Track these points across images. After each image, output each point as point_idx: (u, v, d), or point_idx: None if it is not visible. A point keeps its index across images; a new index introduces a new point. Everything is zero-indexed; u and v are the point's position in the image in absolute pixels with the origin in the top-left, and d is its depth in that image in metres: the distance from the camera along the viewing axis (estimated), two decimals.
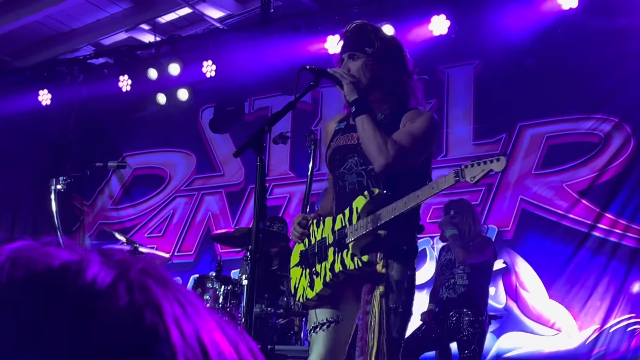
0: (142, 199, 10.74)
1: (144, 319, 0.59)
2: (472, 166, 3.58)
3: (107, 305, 0.58)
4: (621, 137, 8.01)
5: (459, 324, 6.53)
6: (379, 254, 3.67)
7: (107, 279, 0.60)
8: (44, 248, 0.63)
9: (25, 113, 10.19)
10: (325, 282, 3.78)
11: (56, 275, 0.60)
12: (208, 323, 0.64)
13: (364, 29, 3.94)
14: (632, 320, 7.58)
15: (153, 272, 0.64)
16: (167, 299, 0.62)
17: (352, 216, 3.71)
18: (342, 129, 3.99)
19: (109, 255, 0.65)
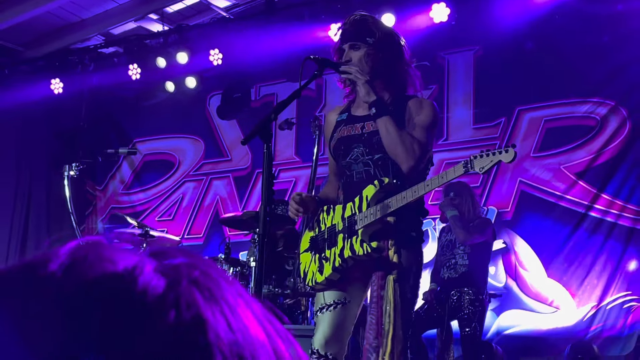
0: (152, 184, 10.76)
1: (188, 337, 0.59)
2: (482, 157, 3.60)
3: (154, 319, 0.58)
4: (617, 120, 8.01)
5: (460, 302, 6.55)
6: (390, 242, 3.70)
7: (157, 290, 0.60)
8: (103, 250, 0.63)
9: (38, 101, 10.20)
10: (334, 267, 3.80)
11: (108, 284, 0.59)
12: (253, 337, 0.63)
13: (365, 20, 3.97)
14: (628, 298, 7.60)
15: (204, 283, 0.63)
16: (213, 316, 0.61)
17: (362, 204, 3.74)
18: (344, 120, 4.01)
19: (165, 257, 0.64)
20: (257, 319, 0.65)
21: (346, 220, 3.81)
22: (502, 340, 7.80)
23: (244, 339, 0.62)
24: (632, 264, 7.67)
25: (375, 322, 3.71)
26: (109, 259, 0.62)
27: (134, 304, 0.59)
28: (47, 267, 0.61)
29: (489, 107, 8.71)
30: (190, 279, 0.62)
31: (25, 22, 9.83)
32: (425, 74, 8.33)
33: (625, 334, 7.50)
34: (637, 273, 7.62)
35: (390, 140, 3.72)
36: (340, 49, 3.96)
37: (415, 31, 8.15)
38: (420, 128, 3.81)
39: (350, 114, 3.99)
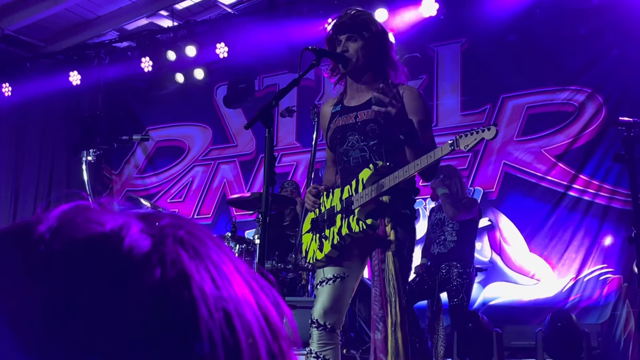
0: (164, 168, 10.77)
1: (172, 293, 0.57)
2: (466, 136, 3.61)
3: (139, 277, 0.57)
4: (594, 106, 8.00)
5: (448, 275, 6.58)
6: (386, 220, 3.71)
7: (142, 249, 0.58)
8: (91, 212, 0.62)
9: (57, 92, 10.20)
10: (333, 245, 3.83)
11: (94, 244, 0.58)
12: (238, 293, 0.62)
13: (363, 15, 4.00)
14: (604, 270, 7.62)
15: (189, 241, 0.62)
16: (198, 272, 0.59)
17: (358, 186, 3.77)
18: (338, 111, 4.03)
19: (152, 219, 0.63)
20: (241, 276, 0.64)
21: (344, 202, 3.84)
22: (487, 310, 7.82)
23: (228, 295, 0.60)
24: (608, 239, 7.69)
25: (379, 293, 3.72)
26: (96, 221, 0.60)
27: (120, 262, 0.58)
28: (36, 229, 0.60)
29: (475, 95, 8.70)
30: (176, 238, 0.61)
31: (45, 19, 9.82)
32: (416, 64, 8.41)
33: (601, 303, 7.53)
34: (612, 247, 7.64)
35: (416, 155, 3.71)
36: (335, 39, 3.96)
37: (406, 25, 8.13)
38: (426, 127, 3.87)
39: (344, 105, 4.03)
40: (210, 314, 0.58)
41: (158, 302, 0.57)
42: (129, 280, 0.57)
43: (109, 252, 0.58)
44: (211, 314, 0.58)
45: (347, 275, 3.87)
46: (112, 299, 0.56)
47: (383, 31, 4.01)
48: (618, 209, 7.67)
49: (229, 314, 0.59)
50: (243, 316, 0.61)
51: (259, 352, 0.60)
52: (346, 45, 3.90)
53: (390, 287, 3.69)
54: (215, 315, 0.58)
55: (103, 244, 0.59)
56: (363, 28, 3.90)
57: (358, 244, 3.82)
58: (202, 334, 0.57)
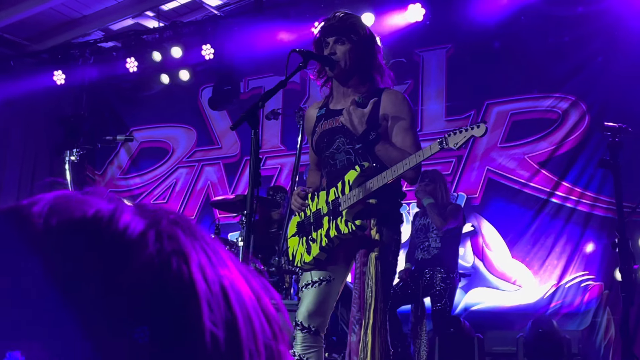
0: (148, 169, 10.72)
1: (171, 266, 0.58)
2: (455, 134, 3.61)
3: (137, 252, 0.58)
4: (577, 114, 8.04)
5: (432, 280, 6.58)
6: (372, 221, 3.70)
7: (138, 228, 0.60)
8: (82, 197, 0.63)
9: (41, 92, 10.14)
10: (321, 247, 3.81)
11: (90, 222, 0.59)
12: (232, 272, 0.63)
13: (351, 18, 3.99)
14: (585, 277, 7.64)
15: (182, 223, 0.63)
16: (194, 249, 0.61)
17: (345, 187, 3.76)
18: (323, 114, 4.02)
19: (141, 205, 0.64)
20: (231, 259, 0.66)
21: (330, 204, 3.82)
22: (469, 315, 7.83)
23: (223, 271, 0.62)
24: (589, 246, 7.71)
25: (359, 296, 3.72)
26: (89, 204, 0.62)
27: (116, 240, 0.59)
28: (31, 209, 0.61)
29: (459, 101, 8.72)
30: (169, 220, 0.63)
31: (30, 17, 9.76)
32: (402, 69, 8.42)
33: (582, 310, 7.55)
34: (593, 255, 7.66)
35: (392, 162, 3.71)
36: (322, 42, 3.94)
37: (392, 30, 8.14)
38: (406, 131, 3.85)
39: (329, 108, 4.02)
40: (209, 287, 0.59)
41: (158, 276, 0.58)
42: (128, 255, 0.58)
43: (104, 230, 0.59)
44: (209, 287, 0.59)
45: (332, 278, 3.86)
46: (110, 274, 0.57)
47: (371, 35, 4.00)
48: (600, 216, 7.70)
49: (225, 289, 0.61)
50: (238, 293, 0.62)
51: (254, 327, 0.62)
52: (334, 48, 3.88)
53: (369, 290, 3.68)
54: (213, 289, 0.60)
55: (98, 222, 0.60)
56: (351, 31, 3.89)
57: (344, 246, 3.81)
58: (202, 306, 0.58)
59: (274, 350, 0.64)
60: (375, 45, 3.99)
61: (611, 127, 4.28)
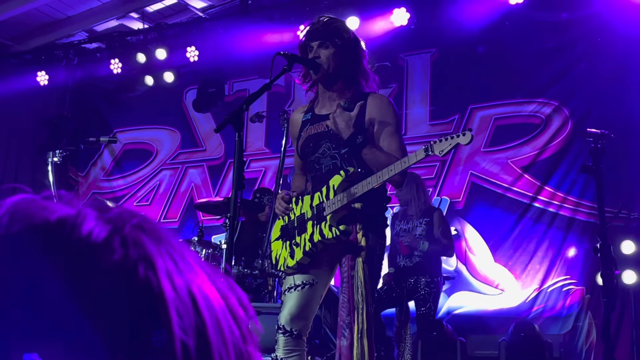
0: (131, 171, 10.67)
1: (137, 274, 0.57)
2: (441, 141, 3.62)
3: (102, 259, 0.57)
4: (560, 119, 8.07)
5: (416, 285, 6.59)
6: (358, 226, 3.70)
7: (102, 234, 0.58)
8: (43, 202, 0.61)
9: (25, 92, 10.08)
10: (305, 251, 3.80)
11: (52, 228, 0.58)
12: (199, 276, 0.62)
13: (335, 22, 3.98)
14: (567, 282, 7.67)
15: (147, 227, 0.62)
16: (160, 254, 0.60)
17: (329, 192, 3.75)
18: (309, 119, 4.01)
19: (104, 210, 0.62)
20: (197, 262, 0.65)
21: (314, 208, 3.81)
22: (452, 319, 7.84)
23: (190, 276, 0.61)
24: (571, 250, 7.74)
25: (347, 300, 3.70)
26: (51, 209, 0.60)
27: (80, 245, 0.57)
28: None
29: (443, 105, 8.74)
30: (133, 224, 0.61)
31: (13, 17, 9.71)
32: (386, 73, 8.42)
33: (564, 314, 7.58)
34: (575, 259, 7.69)
35: (380, 163, 3.72)
36: (307, 46, 3.94)
37: (377, 34, 8.16)
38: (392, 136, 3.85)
39: (314, 113, 4.01)
40: (177, 294, 0.58)
41: (124, 283, 0.57)
42: (91, 262, 0.56)
43: (67, 236, 0.58)
44: (177, 294, 0.58)
45: (316, 282, 3.85)
46: (75, 281, 0.55)
47: (355, 39, 4.00)
48: (582, 221, 7.73)
49: (194, 295, 0.60)
50: (206, 297, 0.61)
51: (223, 332, 0.61)
52: (318, 52, 3.88)
53: (359, 294, 3.67)
54: (181, 295, 0.59)
55: (60, 228, 0.58)
56: (335, 35, 3.89)
57: (328, 251, 3.80)
58: (171, 313, 0.57)
59: (243, 351, 0.63)
60: (360, 49, 3.99)
61: (593, 134, 4.30)
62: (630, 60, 7.51)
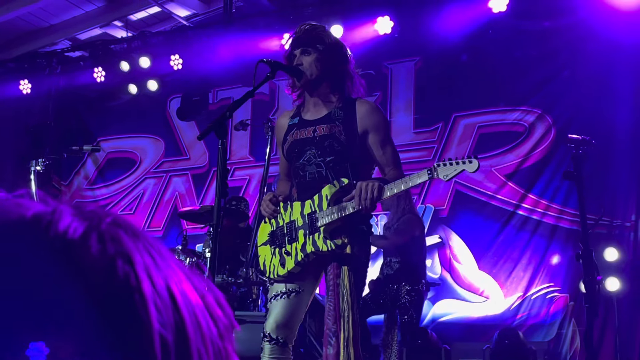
0: (115, 180, 10.64)
1: (116, 269, 0.57)
2: (445, 165, 3.60)
3: (80, 255, 0.56)
4: (543, 127, 8.12)
5: (398, 292, 6.59)
6: (343, 236, 3.70)
7: (79, 230, 0.58)
8: (17, 199, 0.61)
9: (7, 101, 10.05)
10: (297, 261, 3.79)
11: (29, 225, 0.58)
12: (177, 274, 0.62)
13: (316, 29, 3.98)
14: (551, 289, 7.70)
15: (123, 224, 0.62)
16: (138, 250, 0.60)
17: (322, 203, 3.73)
18: (295, 123, 4.00)
19: (80, 207, 0.62)
20: (174, 261, 0.64)
21: (306, 217, 3.80)
22: (437, 326, 7.85)
23: (167, 271, 0.61)
24: (555, 258, 7.78)
25: (333, 308, 3.70)
26: (25, 207, 0.60)
27: (56, 241, 0.57)
28: None
29: (428, 113, 8.77)
30: (110, 221, 0.61)
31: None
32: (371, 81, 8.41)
33: (548, 322, 7.60)
34: (559, 266, 7.73)
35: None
36: (292, 55, 3.95)
37: (361, 42, 8.18)
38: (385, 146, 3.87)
39: (302, 118, 3.99)
40: (155, 289, 0.58)
41: (103, 279, 0.56)
42: (70, 257, 0.56)
43: (43, 232, 0.57)
44: (156, 289, 0.58)
45: (302, 290, 3.84)
46: (52, 278, 0.55)
47: (338, 43, 4.01)
48: (565, 228, 7.77)
49: (172, 291, 0.60)
50: (184, 294, 0.61)
51: (201, 329, 0.61)
52: (300, 59, 3.89)
53: (344, 302, 3.67)
54: (159, 291, 0.59)
55: (37, 224, 0.58)
56: (317, 41, 3.90)
57: (318, 260, 3.80)
58: (150, 309, 0.57)
59: (221, 348, 0.63)
60: (344, 53, 3.99)
61: (575, 140, 4.33)
62: (613, 68, 7.56)
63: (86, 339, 0.54)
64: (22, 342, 0.53)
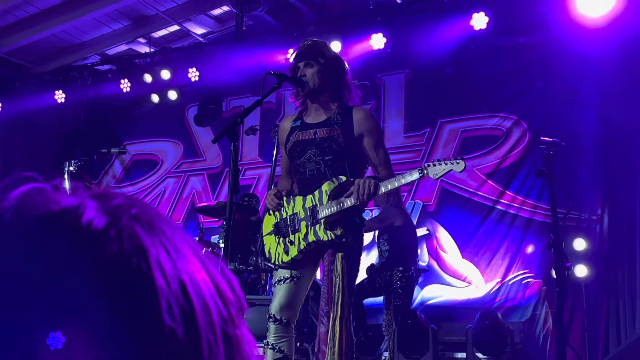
0: (139, 179, 10.64)
1: (131, 265, 0.56)
2: (435, 165, 3.62)
3: (99, 248, 0.55)
4: (519, 131, 8.11)
5: (391, 278, 6.59)
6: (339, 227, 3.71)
7: (100, 224, 0.57)
8: (47, 193, 0.60)
9: (43, 109, 10.04)
10: (299, 249, 3.81)
11: (56, 219, 0.57)
12: (190, 265, 0.60)
13: (318, 44, 4.00)
14: (526, 275, 7.70)
15: (143, 218, 0.60)
16: (153, 245, 0.58)
17: (322, 197, 3.76)
18: (298, 126, 4.01)
19: (105, 199, 0.61)
20: (191, 250, 0.63)
21: (308, 210, 3.81)
22: (425, 309, 7.84)
23: (182, 266, 0.59)
24: (530, 247, 7.77)
25: (327, 291, 3.72)
26: (53, 201, 0.59)
27: (80, 235, 0.56)
28: None
29: (416, 119, 8.76)
30: (130, 215, 0.60)
31: (34, 42, 9.70)
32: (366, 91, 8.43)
33: (524, 304, 7.60)
34: (533, 255, 7.72)
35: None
36: (296, 67, 3.96)
37: (357, 56, 8.17)
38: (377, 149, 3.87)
39: (303, 121, 4.01)
40: (167, 284, 0.57)
41: (118, 272, 0.55)
42: (89, 252, 0.55)
43: (68, 227, 0.56)
44: (168, 284, 0.57)
45: (302, 275, 3.87)
46: (74, 268, 0.54)
47: (337, 57, 4.02)
48: (539, 221, 7.76)
49: (184, 283, 0.58)
50: (196, 285, 0.60)
51: (211, 316, 0.60)
52: (304, 71, 3.90)
53: (336, 286, 3.69)
54: (171, 285, 0.57)
55: (62, 219, 0.57)
56: (318, 55, 3.91)
57: (318, 249, 3.82)
58: (161, 302, 0.56)
59: (231, 335, 0.62)
60: (342, 66, 4.00)
61: (546, 142, 4.34)
62: (580, 79, 7.55)
63: (101, 330, 0.53)
64: (43, 332, 0.52)
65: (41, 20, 9.26)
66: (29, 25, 9.34)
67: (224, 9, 9.46)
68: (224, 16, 9.68)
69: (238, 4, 8.38)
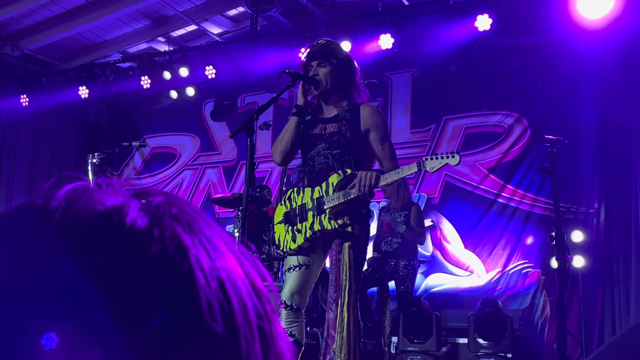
0: (158, 171, 10.65)
1: (173, 265, 0.55)
2: (432, 159, 3.63)
3: (142, 248, 0.54)
4: (520, 128, 8.07)
5: (396, 267, 6.59)
6: (346, 217, 3.71)
7: (143, 225, 0.55)
8: (92, 193, 0.58)
9: (68, 104, 10.06)
10: (305, 237, 3.82)
11: (100, 220, 0.55)
12: (228, 263, 0.59)
13: (331, 44, 3.98)
14: (526, 265, 7.68)
15: (183, 218, 0.59)
16: (194, 245, 0.57)
17: (329, 188, 3.76)
18: (308, 120, 4.00)
19: (148, 198, 0.60)
20: (228, 247, 0.61)
21: (315, 201, 3.82)
22: (429, 296, 7.83)
23: (220, 265, 0.58)
24: (529, 239, 7.74)
25: (335, 279, 3.72)
26: (99, 201, 0.57)
27: (125, 236, 0.55)
28: (48, 204, 0.57)
29: (422, 116, 8.72)
30: (171, 215, 0.58)
31: (59, 41, 9.71)
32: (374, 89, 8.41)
33: (523, 293, 7.58)
34: (532, 246, 7.70)
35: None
36: (308, 65, 3.94)
37: (366, 55, 8.14)
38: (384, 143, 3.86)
39: (314, 116, 4.01)
40: (207, 283, 0.56)
41: (161, 273, 0.54)
42: (134, 251, 0.54)
43: (113, 227, 0.55)
44: (208, 283, 0.56)
45: (311, 263, 3.87)
46: (120, 268, 0.53)
47: (348, 58, 4.00)
48: (538, 214, 7.73)
49: (223, 282, 0.57)
50: (234, 283, 0.58)
51: (248, 314, 0.59)
52: (317, 70, 3.88)
53: (344, 274, 3.69)
54: (211, 284, 0.56)
55: (108, 219, 0.56)
56: (331, 55, 3.89)
57: (325, 238, 3.82)
58: (201, 301, 0.55)
59: (267, 332, 0.60)
60: (353, 67, 3.98)
61: (551, 140, 4.30)
62: (579, 78, 7.51)
63: (143, 330, 0.52)
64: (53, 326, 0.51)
65: (66, 20, 9.27)
66: (55, 24, 9.36)
67: (240, 10, 9.43)
68: (240, 16, 9.66)
69: (253, 5, 8.35)
